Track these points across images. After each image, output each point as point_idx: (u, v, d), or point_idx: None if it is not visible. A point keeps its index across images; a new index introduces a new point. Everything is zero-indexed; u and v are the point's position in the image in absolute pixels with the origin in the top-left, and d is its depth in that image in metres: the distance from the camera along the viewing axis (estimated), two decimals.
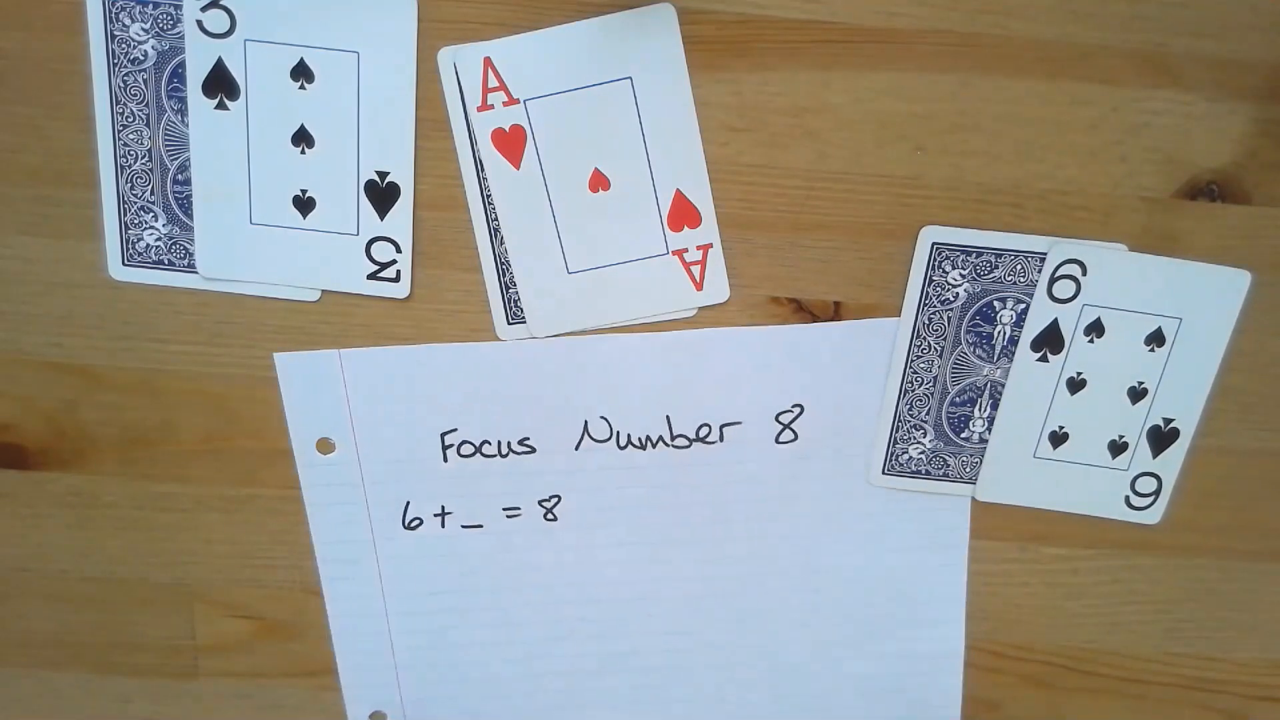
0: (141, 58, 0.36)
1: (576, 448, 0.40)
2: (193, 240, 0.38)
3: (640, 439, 0.40)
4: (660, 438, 0.40)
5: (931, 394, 0.40)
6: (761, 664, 0.44)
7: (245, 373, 0.40)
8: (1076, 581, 0.42)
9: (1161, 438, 0.40)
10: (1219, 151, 0.37)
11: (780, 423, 0.40)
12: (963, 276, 0.38)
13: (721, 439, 0.40)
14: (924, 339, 0.39)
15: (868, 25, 0.35)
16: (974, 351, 0.39)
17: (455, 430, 0.40)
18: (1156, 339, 0.38)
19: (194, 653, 0.44)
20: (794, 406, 0.40)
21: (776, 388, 0.40)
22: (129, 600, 0.43)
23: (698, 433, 0.40)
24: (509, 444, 0.40)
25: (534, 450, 0.40)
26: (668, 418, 0.40)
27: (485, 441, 0.40)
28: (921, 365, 0.39)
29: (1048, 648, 0.43)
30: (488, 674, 0.44)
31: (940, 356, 0.39)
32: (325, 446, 0.40)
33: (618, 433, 0.40)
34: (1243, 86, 0.36)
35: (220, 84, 0.36)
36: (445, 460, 0.40)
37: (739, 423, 0.40)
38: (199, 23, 0.35)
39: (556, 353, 0.39)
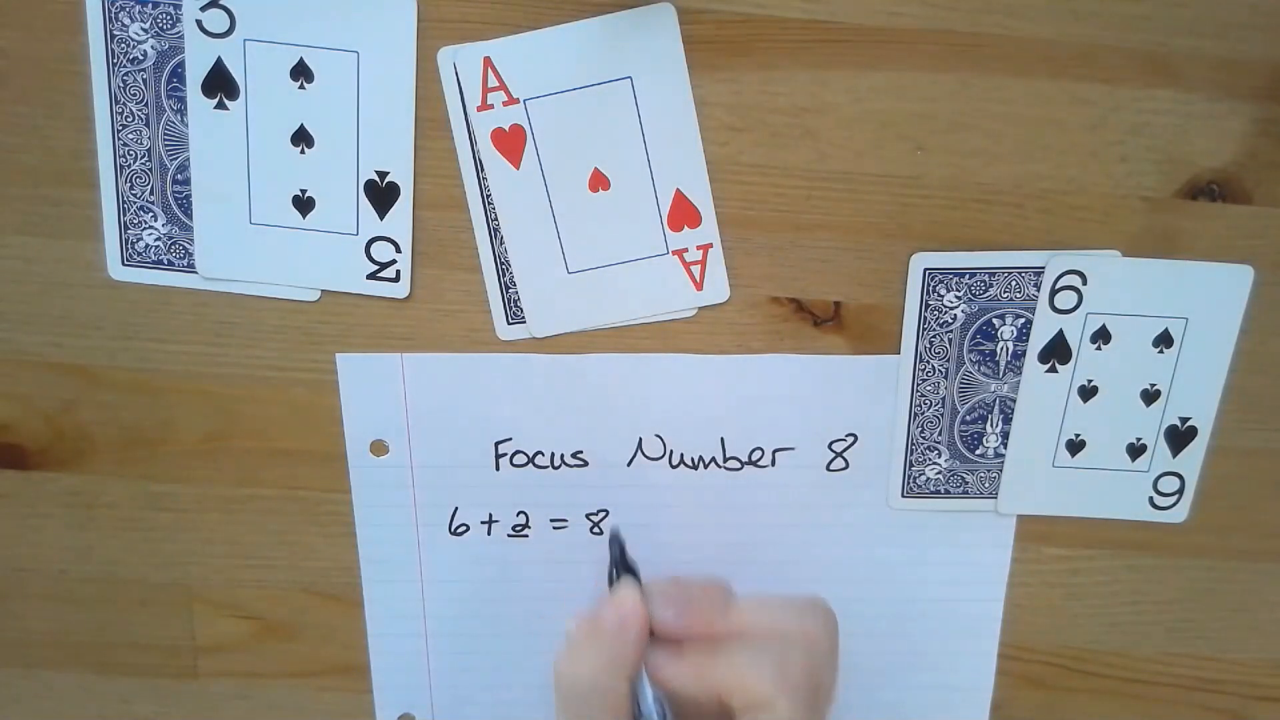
0: (141, 57, 0.36)
1: (629, 464, 0.40)
2: (192, 240, 0.38)
3: (693, 459, 0.40)
4: (713, 459, 0.40)
5: (942, 415, 0.40)
6: None
7: (245, 373, 0.40)
8: (1076, 581, 0.42)
9: (1179, 437, 0.40)
10: (1219, 151, 0.37)
11: (833, 450, 0.40)
12: (958, 298, 0.38)
13: (774, 463, 0.40)
14: (927, 362, 0.39)
15: (868, 25, 0.35)
16: (979, 369, 0.39)
17: (510, 440, 0.40)
18: (1164, 340, 0.38)
19: (194, 653, 0.44)
20: (848, 435, 0.40)
21: (832, 415, 0.40)
22: (128, 600, 0.43)
23: (750, 456, 0.40)
24: (562, 456, 0.40)
25: (586, 464, 0.40)
26: (722, 439, 0.40)
27: (539, 452, 0.40)
28: (928, 388, 0.39)
29: (1048, 648, 0.43)
30: (521, 682, 0.44)
31: (945, 378, 0.39)
32: (379, 449, 0.40)
33: (671, 451, 0.40)
34: (1243, 86, 0.36)
35: (220, 84, 0.36)
36: (497, 469, 0.40)
37: (792, 448, 0.40)
38: (198, 22, 0.35)
39: (616, 368, 0.39)
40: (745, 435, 0.40)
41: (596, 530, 0.41)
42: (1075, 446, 0.40)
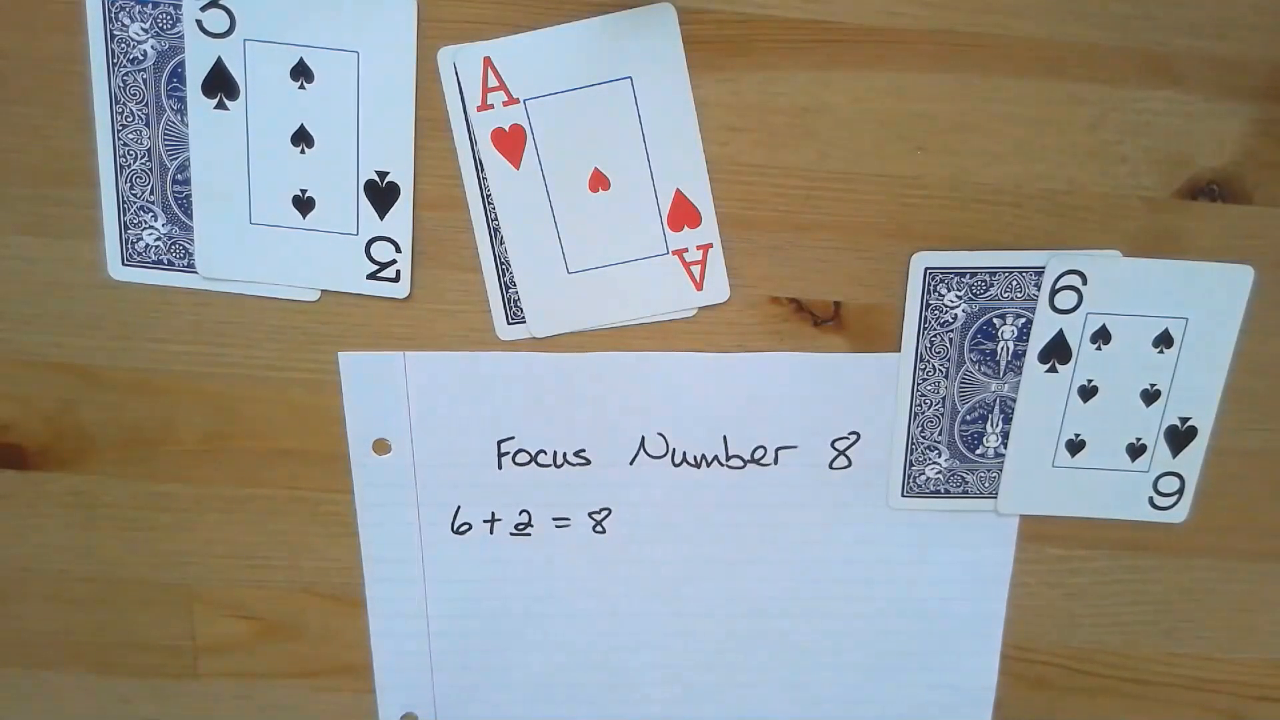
0: (141, 57, 0.36)
1: (631, 462, 0.40)
2: (192, 240, 0.38)
3: (695, 457, 0.40)
4: (715, 457, 0.40)
5: (942, 414, 0.40)
6: (794, 688, 0.44)
7: (245, 373, 0.40)
8: (1076, 581, 0.42)
9: (1179, 437, 0.40)
10: (1219, 151, 0.37)
11: (836, 449, 0.40)
12: (959, 298, 0.38)
13: (776, 462, 0.40)
14: (927, 362, 0.39)
15: (868, 25, 0.35)
16: (979, 369, 0.39)
17: (512, 438, 0.40)
18: (1164, 340, 0.38)
19: (194, 653, 0.44)
20: (850, 434, 0.40)
21: (835, 413, 0.40)
22: (129, 600, 0.43)
23: (753, 454, 0.40)
24: (564, 455, 0.40)
25: (589, 463, 0.40)
26: (724, 438, 0.40)
27: (541, 451, 0.40)
28: (928, 388, 0.39)
29: (1048, 648, 0.43)
30: (523, 680, 0.44)
31: (946, 378, 0.39)
32: (381, 447, 0.40)
33: (674, 450, 0.40)
34: (1243, 86, 0.36)
35: (220, 84, 0.36)
36: (500, 468, 0.40)
37: (795, 446, 0.40)
38: (198, 22, 0.35)
39: (618, 367, 0.39)
40: (748, 433, 0.40)
41: (599, 529, 0.41)
42: (1075, 446, 0.40)
